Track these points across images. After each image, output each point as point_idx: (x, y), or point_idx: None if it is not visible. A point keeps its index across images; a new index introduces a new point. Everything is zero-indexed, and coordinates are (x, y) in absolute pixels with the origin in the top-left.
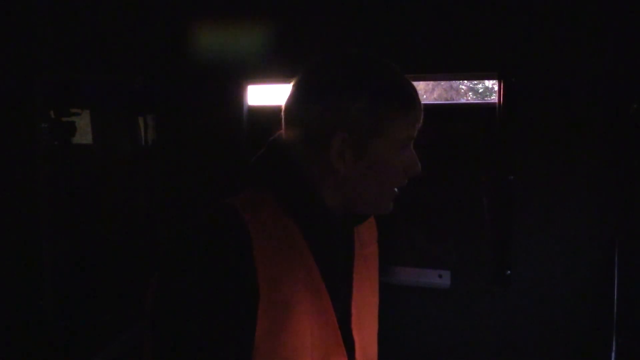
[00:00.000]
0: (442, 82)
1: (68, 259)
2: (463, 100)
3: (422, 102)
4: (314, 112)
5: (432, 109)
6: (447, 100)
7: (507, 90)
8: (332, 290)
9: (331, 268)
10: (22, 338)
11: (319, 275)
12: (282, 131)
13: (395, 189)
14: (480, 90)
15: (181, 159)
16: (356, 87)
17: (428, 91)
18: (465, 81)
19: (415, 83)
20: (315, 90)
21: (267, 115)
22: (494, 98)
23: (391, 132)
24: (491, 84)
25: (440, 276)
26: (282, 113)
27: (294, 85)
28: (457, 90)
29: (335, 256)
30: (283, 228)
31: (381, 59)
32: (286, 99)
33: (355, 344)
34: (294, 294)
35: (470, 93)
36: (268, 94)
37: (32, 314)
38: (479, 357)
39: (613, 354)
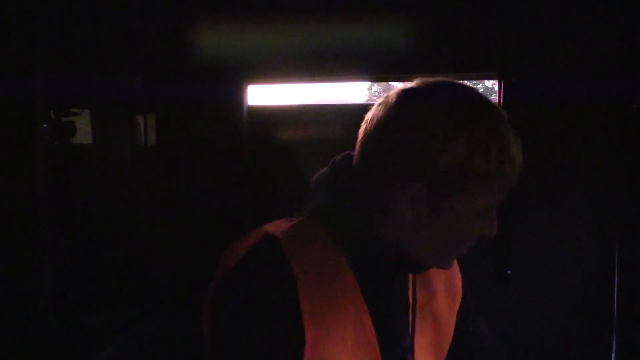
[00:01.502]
0: None
1: (68, 259)
2: None
3: None
4: (396, 150)
5: None
6: None
7: (507, 90)
8: (383, 340)
9: (383, 316)
10: (22, 338)
11: (370, 323)
12: (353, 153)
13: (464, 250)
14: (480, 90)
15: (181, 159)
16: (447, 141)
17: None
18: (465, 81)
19: None
20: (405, 124)
21: (267, 115)
22: (494, 98)
23: (476, 193)
24: (491, 84)
25: None
26: (360, 134)
27: (380, 107)
28: None
29: (387, 303)
30: (334, 269)
31: (490, 103)
32: (368, 120)
33: None
34: (340, 340)
35: None
36: (268, 94)
37: (32, 314)
38: None
39: (613, 354)
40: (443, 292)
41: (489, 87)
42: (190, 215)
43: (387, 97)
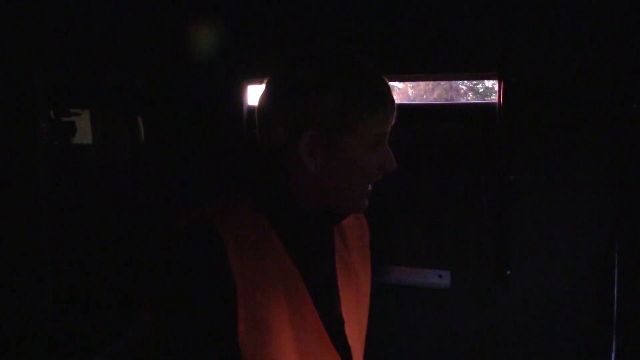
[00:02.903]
0: (442, 82)
1: (68, 259)
2: (463, 100)
3: (422, 102)
4: (283, 112)
5: (432, 109)
6: (447, 100)
7: (507, 90)
8: (314, 292)
9: (311, 269)
10: (22, 338)
11: (297, 275)
12: (255, 132)
13: (369, 186)
14: (480, 90)
15: (181, 159)
16: (324, 86)
17: (428, 91)
18: (465, 81)
19: (415, 83)
20: (283, 90)
21: None
22: (494, 98)
23: (361, 129)
24: (491, 84)
25: (440, 276)
26: (255, 114)
27: (265, 86)
28: (457, 90)
29: (313, 257)
30: (258, 230)
31: (354, 56)
32: (258, 100)
33: (351, 350)
34: (271, 293)
35: (470, 93)
36: None
37: (32, 314)
38: (478, 357)
39: (613, 354)
40: (357, 248)
41: (489, 87)
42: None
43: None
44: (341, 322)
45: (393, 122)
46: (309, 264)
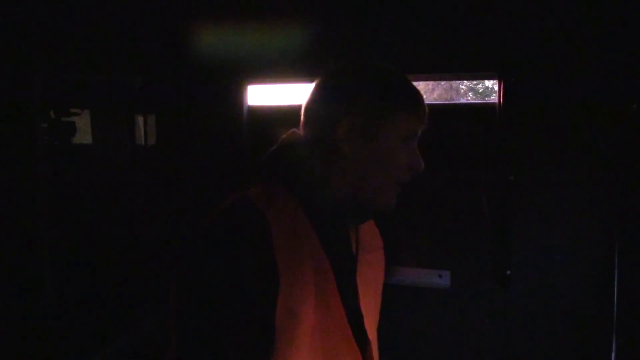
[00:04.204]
0: (442, 82)
1: (68, 259)
2: (463, 100)
3: None
4: (326, 107)
5: (432, 109)
6: (447, 100)
7: (507, 90)
8: (341, 285)
9: (339, 264)
10: (22, 338)
11: (329, 269)
12: (296, 130)
13: (399, 186)
14: (480, 90)
15: (181, 159)
16: (363, 83)
17: (428, 91)
18: (465, 81)
19: (415, 83)
20: (327, 89)
21: (267, 115)
22: (494, 98)
23: (398, 121)
24: (491, 84)
25: (440, 276)
26: (302, 114)
27: (313, 87)
28: (457, 90)
29: (342, 249)
30: (295, 219)
31: (391, 66)
32: (305, 101)
33: (370, 343)
34: (305, 282)
35: (470, 93)
36: (268, 94)
37: (32, 314)
38: (479, 357)
39: (613, 354)
40: (372, 250)
41: (489, 87)
42: (190, 215)
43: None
44: (361, 317)
45: (424, 126)
46: (337, 258)
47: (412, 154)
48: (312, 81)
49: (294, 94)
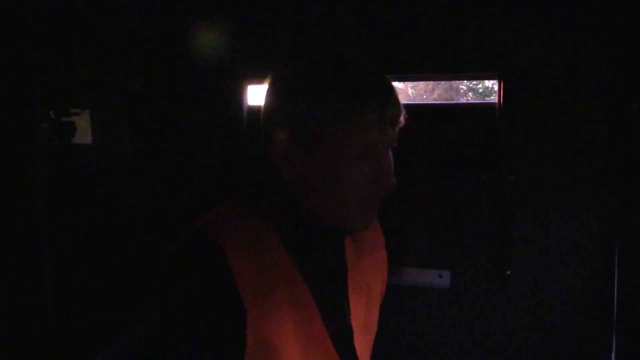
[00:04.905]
0: (442, 82)
1: (68, 259)
2: (463, 100)
3: (422, 102)
4: (263, 121)
5: (432, 109)
6: (447, 100)
7: (507, 90)
8: (323, 303)
9: (320, 280)
10: (22, 338)
11: (304, 286)
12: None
13: (372, 202)
14: (480, 90)
15: (181, 159)
16: (297, 87)
17: (428, 91)
18: (465, 81)
19: (415, 83)
20: (268, 97)
21: None
22: (494, 98)
23: (339, 138)
24: (491, 84)
25: (440, 276)
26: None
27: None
28: (457, 90)
29: (322, 268)
30: (263, 241)
31: (345, 56)
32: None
33: None
34: (279, 310)
35: (470, 93)
36: None
37: (32, 314)
38: (478, 357)
39: (613, 354)
40: (370, 254)
41: (489, 87)
42: (189, 215)
43: None
44: (350, 333)
45: (393, 130)
46: (317, 275)
47: (372, 169)
48: None
49: None
